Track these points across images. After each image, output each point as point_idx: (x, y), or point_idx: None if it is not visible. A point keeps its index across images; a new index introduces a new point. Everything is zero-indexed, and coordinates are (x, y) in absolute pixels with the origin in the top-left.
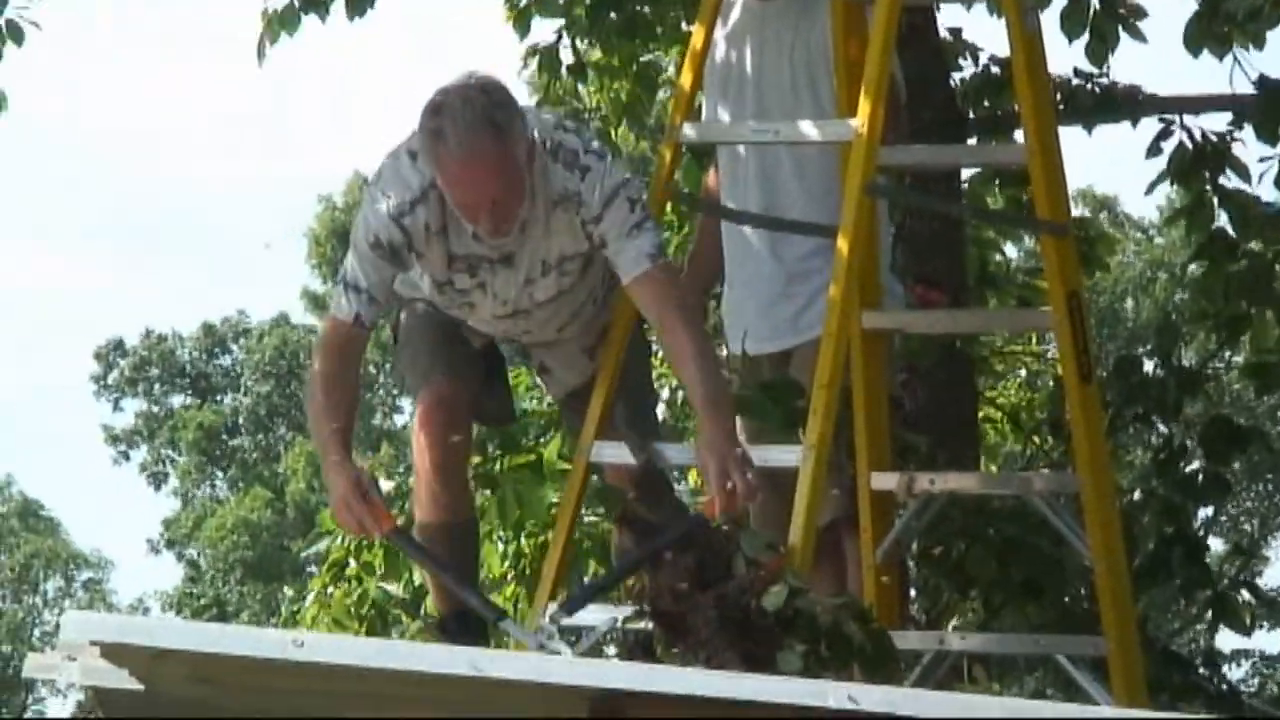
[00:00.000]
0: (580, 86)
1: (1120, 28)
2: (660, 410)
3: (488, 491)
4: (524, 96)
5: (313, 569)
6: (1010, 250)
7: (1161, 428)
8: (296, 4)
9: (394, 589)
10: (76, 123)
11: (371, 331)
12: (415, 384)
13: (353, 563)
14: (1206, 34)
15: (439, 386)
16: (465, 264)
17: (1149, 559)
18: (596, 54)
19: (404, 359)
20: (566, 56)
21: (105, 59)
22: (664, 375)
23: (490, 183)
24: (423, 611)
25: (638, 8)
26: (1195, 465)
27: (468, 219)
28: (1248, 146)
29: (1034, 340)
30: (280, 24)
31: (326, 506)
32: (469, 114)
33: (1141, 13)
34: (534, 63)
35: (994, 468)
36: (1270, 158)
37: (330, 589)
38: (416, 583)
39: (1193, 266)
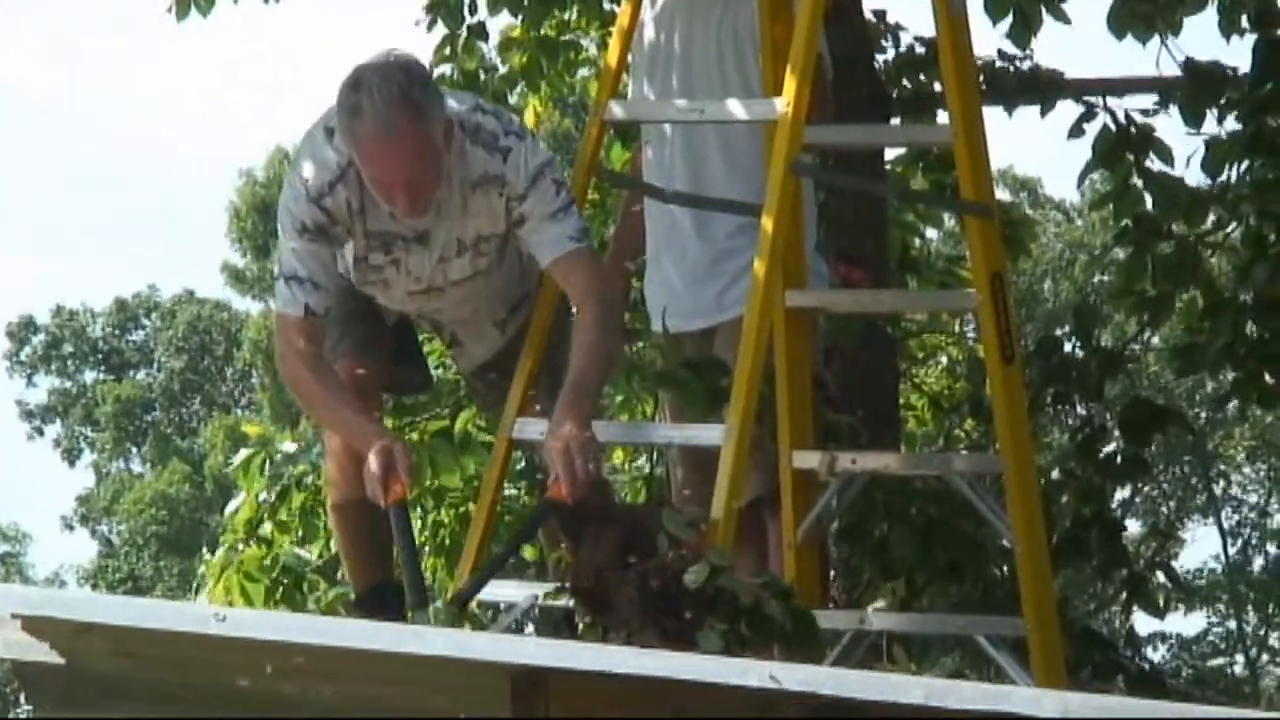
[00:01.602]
0: (480, 44)
1: (1044, 9)
2: None
3: None
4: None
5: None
6: (931, 234)
7: (1080, 409)
8: None
9: (308, 554)
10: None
11: (327, 316)
12: (337, 331)
13: (267, 522)
14: (1132, 16)
15: (347, 363)
16: (380, 241)
17: (1066, 539)
18: (512, 33)
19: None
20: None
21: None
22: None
23: (405, 162)
24: (339, 578)
25: None
26: (1114, 446)
27: (382, 197)
28: (1172, 118)
29: (957, 325)
30: (195, 1)
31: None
32: (387, 91)
33: None
34: (434, 17)
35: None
36: (1197, 134)
37: (241, 545)
38: (333, 550)
39: (1117, 250)
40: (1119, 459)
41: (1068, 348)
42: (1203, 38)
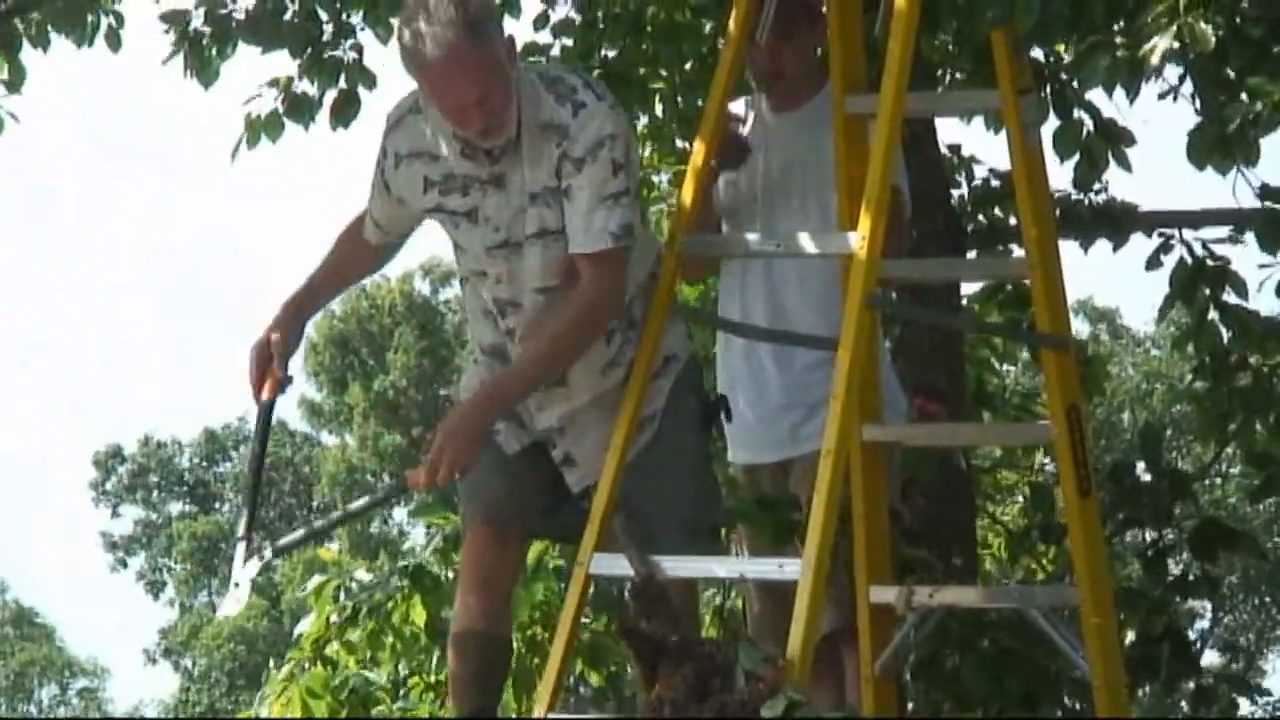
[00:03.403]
0: None
1: (1110, 153)
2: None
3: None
4: None
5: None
6: (1006, 368)
7: (1152, 533)
8: (280, 110)
9: (376, 676)
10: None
11: (373, 235)
12: (467, 495)
13: (334, 643)
14: (1209, 147)
15: (474, 533)
16: (460, 184)
17: (1136, 658)
18: None
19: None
20: None
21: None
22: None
23: (472, 81)
24: (403, 695)
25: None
26: (1185, 565)
27: (457, 124)
28: (1248, 247)
29: (1032, 460)
30: (264, 129)
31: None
32: (441, 16)
33: (1130, 139)
34: None
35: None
36: (1269, 265)
37: (307, 664)
38: (401, 672)
39: (1197, 383)
40: (1189, 576)
41: (1144, 474)
42: (1276, 166)
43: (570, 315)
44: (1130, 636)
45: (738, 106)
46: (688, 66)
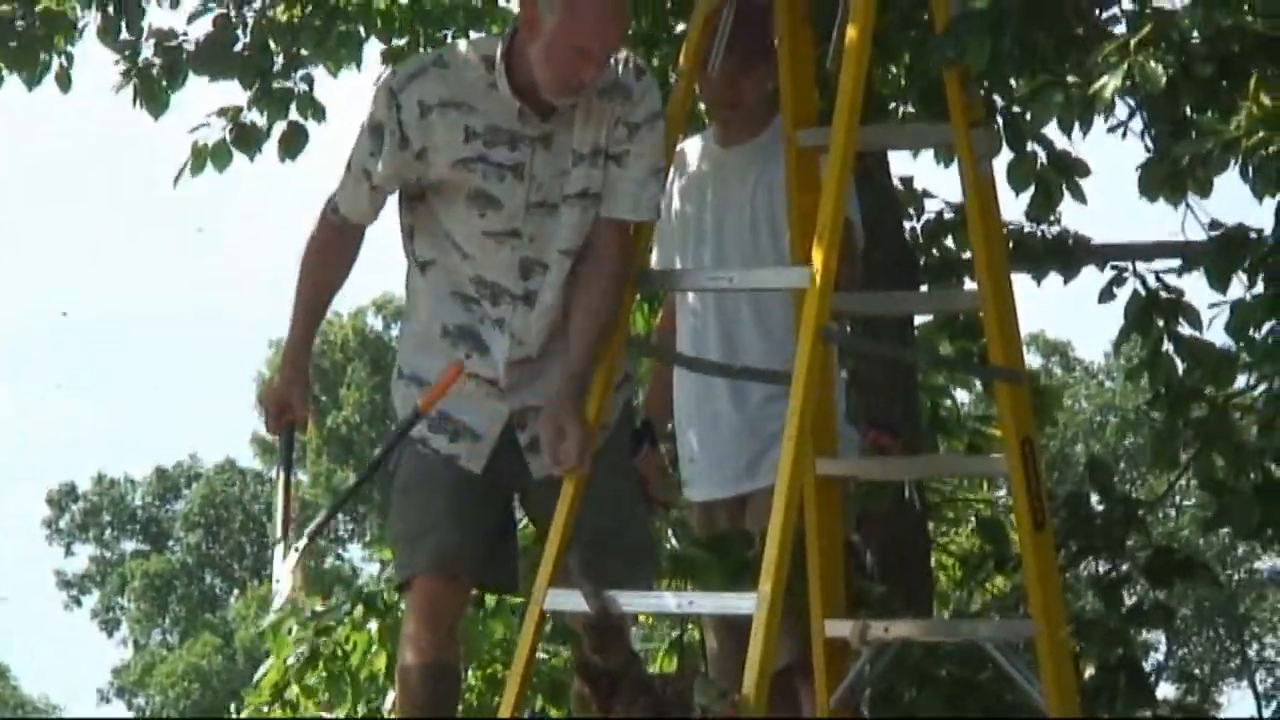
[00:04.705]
0: None
1: (1064, 185)
2: None
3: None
4: None
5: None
6: (961, 395)
7: (1106, 563)
8: (228, 140)
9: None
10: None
11: (360, 210)
12: (418, 530)
13: (294, 686)
14: (1161, 180)
15: (424, 583)
16: (507, 137)
17: (1093, 687)
18: None
19: (408, 506)
20: None
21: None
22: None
23: (615, 31)
24: None
25: None
26: (1140, 596)
27: (568, 67)
28: (1197, 282)
29: (983, 486)
30: (211, 157)
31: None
32: None
33: (1084, 170)
34: None
35: (945, 613)
36: (1219, 304)
37: (266, 709)
38: (359, 714)
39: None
40: (1144, 606)
41: (1097, 504)
42: (1225, 199)
43: (603, 289)
44: (1090, 671)
45: (691, 143)
46: None
